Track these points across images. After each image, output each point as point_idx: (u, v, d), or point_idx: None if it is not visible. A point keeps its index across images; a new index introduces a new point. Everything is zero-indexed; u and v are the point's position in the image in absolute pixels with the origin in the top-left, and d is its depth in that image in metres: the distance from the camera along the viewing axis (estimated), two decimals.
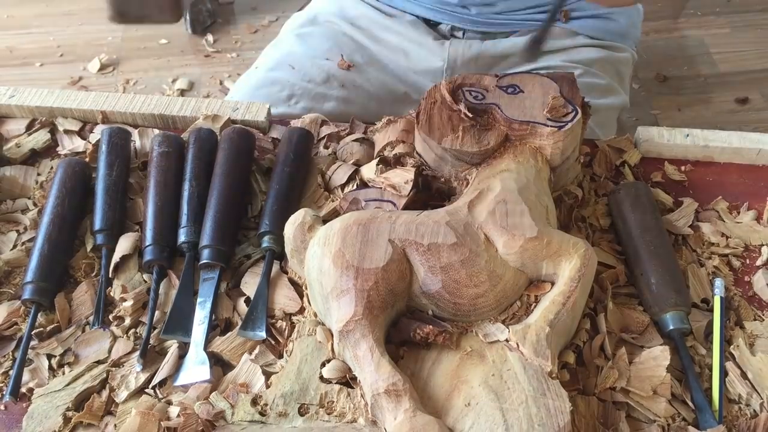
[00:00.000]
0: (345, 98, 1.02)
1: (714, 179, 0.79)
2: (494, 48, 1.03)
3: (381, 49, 1.06)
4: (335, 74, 1.03)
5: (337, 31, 1.07)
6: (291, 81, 1.01)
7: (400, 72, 1.06)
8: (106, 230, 0.71)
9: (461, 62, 1.04)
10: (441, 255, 0.61)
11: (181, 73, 2.11)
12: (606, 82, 1.04)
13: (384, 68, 1.06)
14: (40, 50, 2.18)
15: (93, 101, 0.84)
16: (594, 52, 1.04)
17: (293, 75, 1.02)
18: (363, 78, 1.04)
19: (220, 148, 0.75)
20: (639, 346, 0.64)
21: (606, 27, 1.06)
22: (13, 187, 0.78)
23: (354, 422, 0.58)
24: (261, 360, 0.63)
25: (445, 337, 0.60)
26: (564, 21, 1.03)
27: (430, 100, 0.72)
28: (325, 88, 1.02)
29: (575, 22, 1.04)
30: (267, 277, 0.68)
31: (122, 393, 0.62)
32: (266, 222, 0.70)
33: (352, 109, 1.02)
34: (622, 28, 1.07)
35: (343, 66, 1.03)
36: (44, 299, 0.67)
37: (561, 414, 0.55)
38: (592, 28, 1.05)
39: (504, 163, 0.68)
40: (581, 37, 1.05)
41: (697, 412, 0.60)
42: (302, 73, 1.02)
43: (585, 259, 0.62)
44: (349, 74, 1.03)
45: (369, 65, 1.06)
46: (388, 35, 1.06)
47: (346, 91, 1.03)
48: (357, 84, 1.04)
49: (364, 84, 1.04)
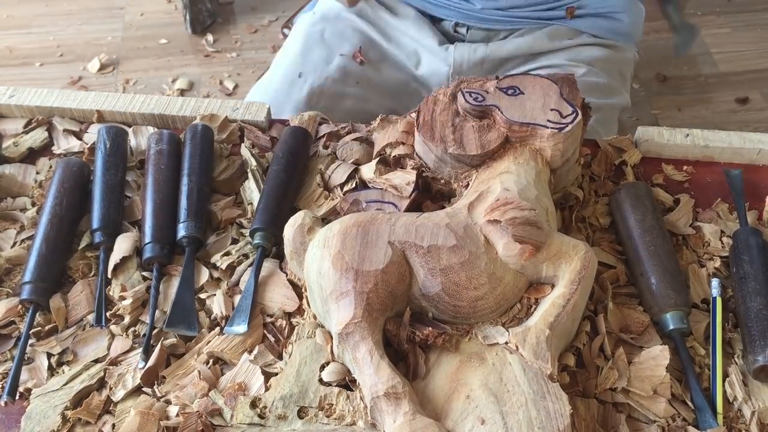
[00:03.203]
0: (362, 96, 1.03)
1: (714, 179, 0.79)
2: (499, 50, 1.04)
3: (391, 47, 1.07)
4: (350, 71, 1.04)
5: (348, 27, 1.07)
6: (309, 81, 1.02)
7: (409, 72, 1.07)
8: (103, 229, 0.71)
9: (467, 66, 1.04)
10: (441, 257, 0.61)
11: (181, 72, 2.11)
12: (608, 81, 1.04)
13: (396, 65, 1.07)
14: (40, 50, 2.18)
15: (92, 101, 0.84)
16: (597, 51, 1.05)
17: (310, 75, 1.03)
18: (377, 74, 1.05)
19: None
20: (638, 346, 0.64)
21: (610, 26, 1.06)
22: (11, 186, 0.78)
23: (353, 425, 0.58)
24: (260, 360, 0.63)
25: (444, 339, 0.60)
26: (569, 18, 1.03)
27: (431, 102, 0.72)
28: (342, 85, 1.03)
29: (579, 20, 1.04)
30: (257, 273, 0.68)
31: (119, 392, 0.62)
32: (258, 219, 0.70)
33: (369, 106, 1.03)
34: (625, 28, 1.08)
35: (357, 59, 1.03)
36: (42, 299, 0.67)
37: (561, 417, 0.55)
38: (596, 27, 1.06)
39: (504, 164, 0.68)
40: (585, 35, 1.05)
41: (696, 412, 0.60)
42: (318, 71, 1.03)
43: (585, 261, 0.62)
44: (363, 71, 1.05)
45: (382, 61, 1.07)
46: (397, 34, 1.06)
47: (362, 88, 1.04)
48: (372, 80, 1.05)
49: (379, 80, 1.05)
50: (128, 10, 2.33)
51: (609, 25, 1.06)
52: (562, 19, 1.04)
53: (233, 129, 0.82)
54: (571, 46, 1.04)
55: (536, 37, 1.04)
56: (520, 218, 0.62)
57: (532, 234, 0.62)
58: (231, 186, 0.78)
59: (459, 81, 0.73)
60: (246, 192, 0.76)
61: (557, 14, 1.04)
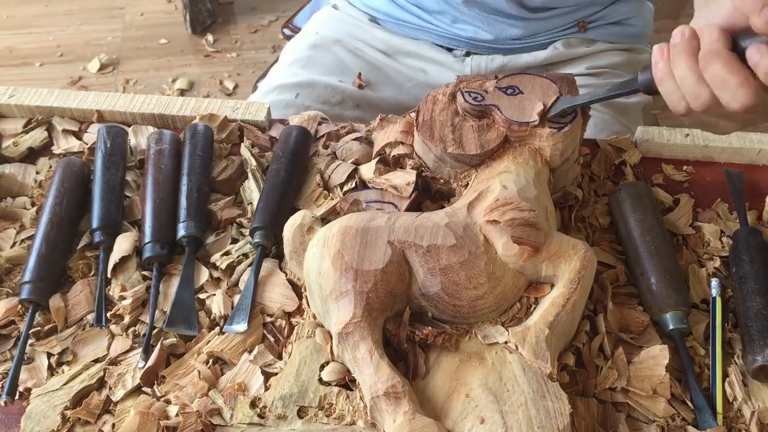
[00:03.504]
0: (360, 118, 1.02)
1: (714, 179, 0.79)
2: (517, 60, 1.03)
3: (398, 67, 1.06)
4: (350, 95, 1.03)
5: (347, 52, 1.06)
6: (305, 103, 1.01)
7: (416, 90, 1.06)
8: (103, 228, 0.71)
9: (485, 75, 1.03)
10: (440, 257, 0.61)
11: (181, 72, 2.11)
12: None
13: (399, 87, 1.06)
14: (40, 50, 2.18)
15: (93, 101, 0.84)
16: (616, 56, 1.04)
17: (307, 98, 1.01)
18: (377, 96, 1.04)
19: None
20: (638, 346, 0.64)
21: (623, 32, 1.06)
22: (11, 185, 0.78)
23: (353, 425, 0.58)
24: (260, 360, 0.63)
25: (444, 338, 0.60)
26: (581, 31, 1.03)
27: (430, 101, 0.72)
28: (340, 109, 1.02)
29: (591, 31, 1.04)
30: (257, 271, 0.68)
31: (119, 392, 0.62)
32: (258, 218, 0.70)
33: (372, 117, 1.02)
34: (638, 31, 1.07)
35: (355, 84, 1.03)
36: (42, 299, 0.67)
37: (560, 416, 0.55)
38: (610, 34, 1.05)
39: (503, 164, 0.68)
40: (600, 43, 1.05)
41: (696, 412, 0.60)
42: (315, 95, 1.02)
43: (584, 260, 0.62)
44: (363, 94, 1.03)
45: (383, 84, 1.05)
46: (404, 57, 1.06)
47: (361, 111, 1.03)
48: (372, 103, 1.04)
49: (379, 102, 1.04)
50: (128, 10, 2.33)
51: (622, 31, 1.06)
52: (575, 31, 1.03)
53: (233, 129, 0.82)
54: (588, 54, 1.04)
55: (553, 46, 1.03)
56: (518, 219, 0.62)
57: (530, 235, 0.62)
58: (231, 186, 0.78)
59: (458, 81, 0.73)
60: (246, 192, 0.76)
61: (569, 32, 1.03)
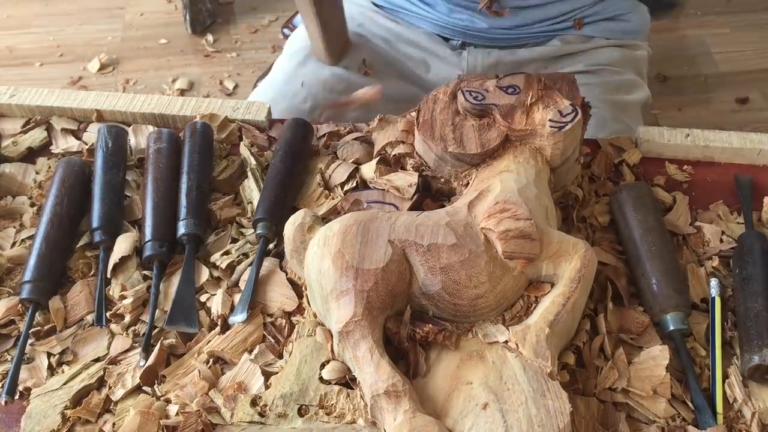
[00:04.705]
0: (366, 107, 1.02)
1: (714, 179, 0.79)
2: (512, 56, 1.03)
3: (399, 56, 1.06)
4: (354, 83, 1.03)
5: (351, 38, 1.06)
6: (312, 92, 1.01)
7: (417, 79, 1.06)
8: (103, 228, 0.71)
9: (481, 71, 1.03)
10: (441, 256, 0.61)
11: (181, 72, 2.11)
12: (631, 78, 1.04)
13: (402, 74, 1.06)
14: (40, 50, 2.18)
15: (93, 101, 0.84)
16: (613, 52, 1.05)
17: (314, 86, 1.02)
18: (382, 83, 1.04)
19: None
20: (638, 346, 0.64)
21: (619, 27, 1.06)
22: (11, 185, 0.78)
23: (353, 423, 0.58)
24: (260, 360, 0.63)
25: (444, 335, 0.60)
26: (578, 29, 1.03)
27: (430, 101, 0.72)
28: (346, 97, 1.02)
29: (588, 27, 1.04)
30: (259, 263, 0.68)
31: (119, 391, 0.62)
32: (260, 210, 0.71)
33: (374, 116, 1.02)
34: (634, 26, 1.07)
35: (361, 71, 1.03)
36: (42, 298, 0.67)
37: (561, 415, 0.55)
38: (607, 30, 1.05)
39: (504, 163, 0.68)
40: (597, 39, 1.05)
41: (696, 412, 0.60)
42: (321, 83, 1.02)
43: (585, 259, 0.62)
44: (368, 81, 1.03)
45: (386, 71, 1.06)
46: (405, 45, 1.06)
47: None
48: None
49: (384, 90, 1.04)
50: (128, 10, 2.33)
51: (619, 27, 1.06)
52: (571, 29, 1.03)
53: (233, 129, 0.82)
54: (586, 50, 1.04)
55: (550, 43, 1.03)
56: (513, 231, 0.62)
57: (524, 248, 0.62)
58: (230, 185, 0.78)
59: (459, 80, 0.73)
60: (245, 191, 0.76)
61: (565, 26, 1.03)
